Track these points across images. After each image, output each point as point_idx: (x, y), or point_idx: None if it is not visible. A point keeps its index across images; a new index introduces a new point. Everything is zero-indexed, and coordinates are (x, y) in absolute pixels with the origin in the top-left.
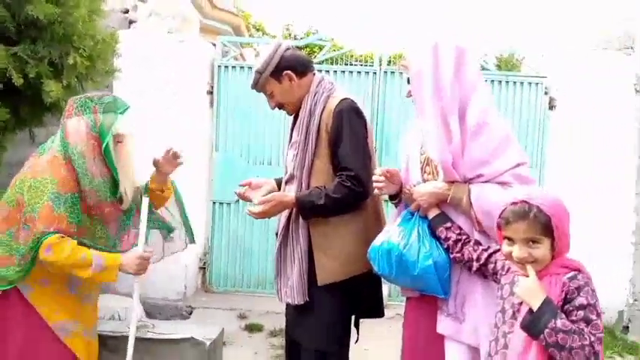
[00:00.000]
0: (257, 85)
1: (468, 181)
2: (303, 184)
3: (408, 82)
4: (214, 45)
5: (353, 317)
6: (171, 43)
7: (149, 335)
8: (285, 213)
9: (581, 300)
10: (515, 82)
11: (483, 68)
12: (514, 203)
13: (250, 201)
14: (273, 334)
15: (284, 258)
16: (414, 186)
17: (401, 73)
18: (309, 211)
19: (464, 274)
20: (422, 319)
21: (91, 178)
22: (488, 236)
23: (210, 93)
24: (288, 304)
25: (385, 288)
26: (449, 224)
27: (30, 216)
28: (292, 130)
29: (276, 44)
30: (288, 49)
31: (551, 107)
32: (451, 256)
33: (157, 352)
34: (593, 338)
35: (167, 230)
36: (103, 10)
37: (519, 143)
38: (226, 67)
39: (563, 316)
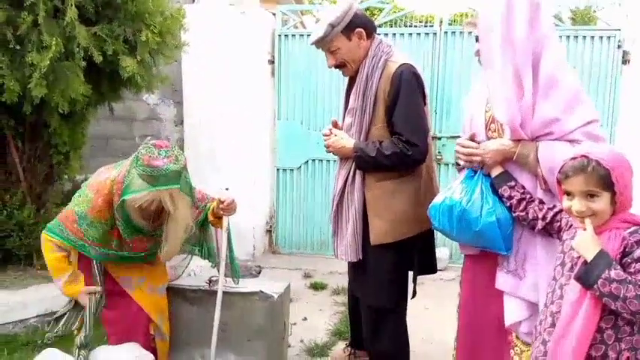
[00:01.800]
0: (325, 39)
1: (536, 139)
2: None
3: (477, 39)
4: (274, 15)
5: (410, 274)
6: (233, 14)
7: (223, 289)
8: (342, 175)
9: (639, 253)
10: (585, 37)
11: (556, 24)
12: (573, 158)
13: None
14: (336, 292)
15: (340, 218)
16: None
17: (461, 32)
18: (362, 159)
19: (525, 231)
20: (479, 276)
21: (117, 217)
22: (552, 195)
23: (272, 62)
24: (349, 263)
25: (446, 250)
26: (512, 183)
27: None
28: (346, 94)
29: (349, 3)
30: (358, 9)
31: (625, 61)
32: (514, 214)
33: (230, 304)
34: None
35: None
36: None
37: (590, 100)
38: (286, 36)
39: (619, 267)
